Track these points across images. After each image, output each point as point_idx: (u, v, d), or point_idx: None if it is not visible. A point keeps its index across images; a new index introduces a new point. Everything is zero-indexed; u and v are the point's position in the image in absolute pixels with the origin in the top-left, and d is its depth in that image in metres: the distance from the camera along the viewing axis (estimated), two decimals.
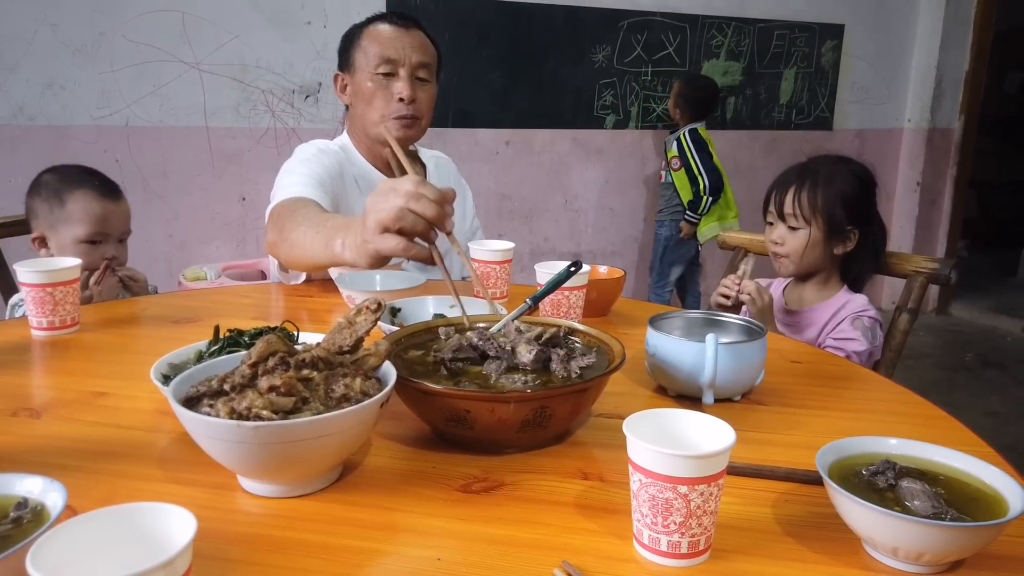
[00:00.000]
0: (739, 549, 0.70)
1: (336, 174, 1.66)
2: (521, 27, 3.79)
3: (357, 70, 1.69)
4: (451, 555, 0.69)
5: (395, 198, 0.98)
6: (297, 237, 1.31)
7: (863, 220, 1.65)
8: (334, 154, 1.71)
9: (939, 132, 4.88)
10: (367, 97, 1.68)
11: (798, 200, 1.63)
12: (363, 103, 1.69)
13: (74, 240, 1.65)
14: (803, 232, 1.64)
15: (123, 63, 3.05)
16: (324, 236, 1.20)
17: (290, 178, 1.58)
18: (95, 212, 1.65)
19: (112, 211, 1.69)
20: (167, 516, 0.57)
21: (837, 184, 1.62)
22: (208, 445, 0.75)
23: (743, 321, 1.15)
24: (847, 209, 1.62)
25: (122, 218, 1.73)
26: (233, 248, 3.35)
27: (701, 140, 3.72)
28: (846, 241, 1.64)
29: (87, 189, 1.67)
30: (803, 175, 1.65)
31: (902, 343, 1.62)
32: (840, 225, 1.62)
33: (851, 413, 1.05)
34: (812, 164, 1.67)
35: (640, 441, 0.66)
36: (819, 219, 1.62)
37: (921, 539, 0.63)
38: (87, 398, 1.03)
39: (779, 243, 1.67)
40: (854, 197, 1.63)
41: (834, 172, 1.64)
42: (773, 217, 1.69)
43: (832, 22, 4.55)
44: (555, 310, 1.32)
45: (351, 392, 0.79)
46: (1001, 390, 3.78)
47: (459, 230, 1.91)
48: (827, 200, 1.61)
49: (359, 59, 1.68)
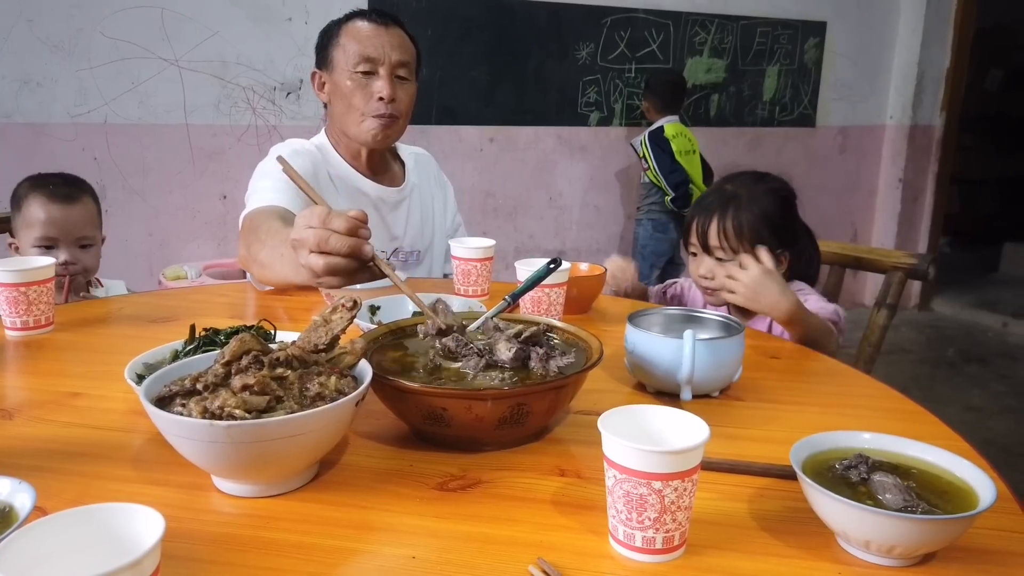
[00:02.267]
0: (714, 544, 0.71)
1: (311, 173, 1.64)
2: (505, 24, 3.78)
3: (336, 68, 1.67)
4: (426, 553, 0.69)
5: (304, 248, 0.93)
6: (265, 258, 1.31)
7: (790, 240, 1.57)
8: (309, 154, 1.69)
9: (921, 129, 4.92)
10: (346, 96, 1.66)
11: (723, 231, 1.52)
12: (342, 102, 1.67)
13: (30, 244, 1.69)
14: (731, 265, 1.50)
15: (101, 60, 3.02)
16: (291, 260, 1.10)
17: (263, 182, 1.57)
18: (43, 216, 1.69)
19: (62, 215, 1.70)
20: (135, 516, 0.56)
21: (760, 207, 1.53)
22: (181, 445, 0.75)
23: (721, 317, 1.15)
24: (773, 232, 1.52)
25: (76, 223, 1.73)
26: (214, 247, 3.33)
27: (662, 139, 3.70)
28: (777, 266, 1.51)
29: (38, 193, 1.71)
30: (724, 202, 1.54)
31: (881, 338, 1.64)
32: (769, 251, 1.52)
33: (829, 408, 1.06)
34: (731, 188, 1.57)
35: (614, 437, 0.66)
36: (747, 248, 1.51)
37: (892, 532, 0.64)
38: (61, 398, 1.02)
39: (709, 278, 1.56)
40: (779, 218, 1.54)
41: (755, 194, 1.55)
42: (696, 248, 1.58)
43: (814, 19, 4.57)
44: (535, 307, 1.32)
45: (326, 391, 0.79)
46: (982, 385, 3.81)
47: (435, 227, 1.91)
48: (753, 227, 1.51)
49: (338, 57, 1.66)
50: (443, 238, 1.91)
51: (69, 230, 1.71)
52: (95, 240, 1.78)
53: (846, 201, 4.94)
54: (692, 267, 1.62)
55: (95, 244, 1.78)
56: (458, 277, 1.52)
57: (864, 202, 5.02)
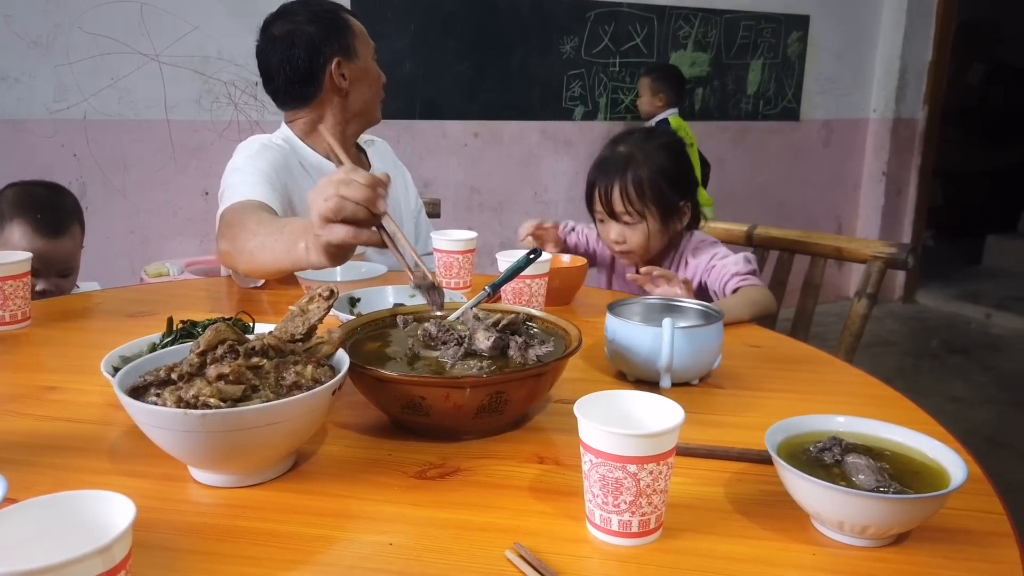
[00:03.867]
0: (690, 528, 0.71)
1: (282, 166, 1.65)
2: (488, 18, 3.77)
3: (360, 57, 1.75)
4: (403, 540, 0.69)
5: (328, 188, 1.00)
6: (255, 247, 1.31)
7: (688, 189, 1.63)
8: (278, 148, 1.70)
9: (904, 122, 4.95)
10: (375, 81, 1.79)
11: (626, 195, 1.57)
12: (371, 88, 1.79)
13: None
14: (641, 226, 1.59)
15: (80, 55, 2.99)
16: (284, 242, 1.21)
17: (237, 177, 1.57)
18: (29, 247, 1.60)
19: (48, 250, 1.65)
20: (106, 503, 0.56)
21: (655, 163, 1.57)
22: (156, 435, 0.74)
23: (700, 306, 1.16)
24: (673, 184, 1.58)
25: (60, 257, 1.69)
26: (197, 243, 3.30)
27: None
28: (681, 216, 1.62)
29: (24, 220, 1.65)
30: (622, 166, 1.58)
31: (862, 328, 1.65)
32: (673, 204, 1.60)
33: (807, 395, 1.07)
34: (624, 149, 1.61)
35: (589, 421, 0.66)
36: (652, 208, 1.58)
37: (864, 512, 0.64)
38: (36, 392, 1.01)
39: (621, 242, 1.62)
40: (675, 172, 1.60)
41: (648, 152, 1.58)
42: (603, 215, 1.63)
43: (798, 13, 4.59)
44: (517, 298, 1.32)
45: (302, 380, 0.78)
46: (965, 376, 3.85)
47: (402, 209, 1.96)
48: (653, 186, 1.57)
49: (360, 48, 1.75)
50: (411, 220, 1.99)
51: (52, 263, 1.67)
52: (76, 265, 1.74)
53: (830, 194, 4.96)
54: (603, 233, 1.67)
55: (76, 268, 1.74)
56: (440, 269, 1.52)
57: (848, 195, 5.05)
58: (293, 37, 1.68)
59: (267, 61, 1.72)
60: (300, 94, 1.73)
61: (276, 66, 1.70)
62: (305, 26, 1.69)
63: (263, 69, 1.74)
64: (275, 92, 1.76)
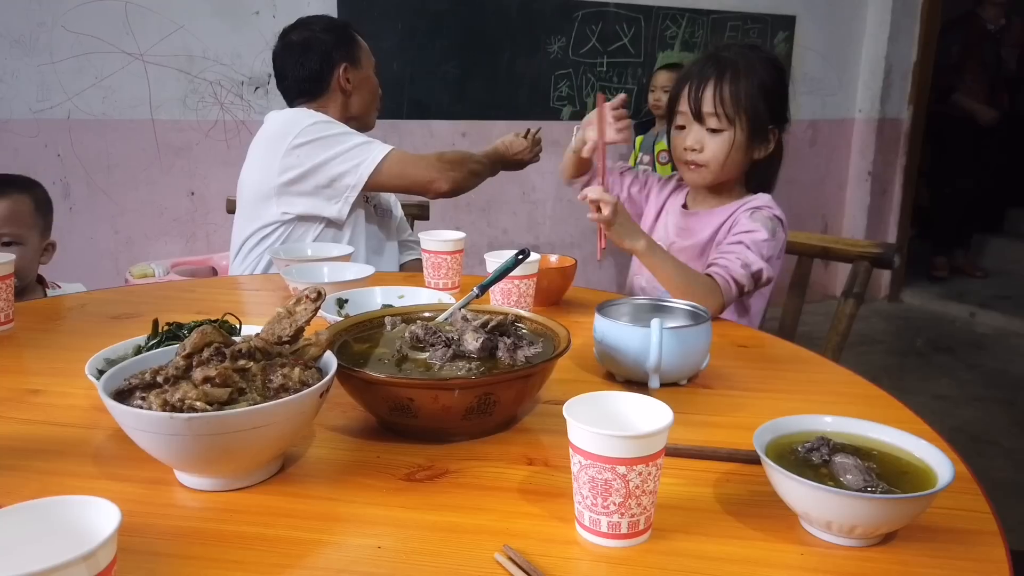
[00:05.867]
0: (679, 528, 0.71)
1: None
2: (476, 18, 3.77)
3: (363, 66, 2.00)
4: (391, 543, 0.69)
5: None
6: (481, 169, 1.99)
7: (783, 115, 1.50)
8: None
9: (889, 122, 4.98)
10: (373, 90, 2.04)
11: (720, 96, 1.42)
12: (371, 94, 2.04)
13: None
14: (726, 135, 1.44)
15: (63, 54, 2.96)
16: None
17: (358, 138, 1.84)
18: None
19: None
20: (91, 509, 0.55)
21: (758, 75, 1.44)
22: (141, 439, 0.74)
23: (689, 307, 1.16)
24: (769, 105, 1.45)
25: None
26: (183, 244, 3.28)
27: None
28: (767, 143, 1.48)
29: None
30: (721, 67, 1.44)
31: (849, 327, 1.65)
32: (763, 125, 1.46)
33: (795, 395, 1.07)
34: (726, 53, 1.47)
35: (578, 423, 0.66)
36: (743, 118, 1.43)
37: (852, 512, 0.65)
38: (20, 396, 1.00)
39: (696, 149, 1.46)
40: (775, 90, 1.47)
41: (752, 62, 1.45)
42: (686, 119, 1.47)
43: (784, 13, 4.61)
44: (505, 299, 1.32)
45: (290, 382, 0.78)
46: (950, 374, 3.87)
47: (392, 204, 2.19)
48: (751, 95, 1.42)
49: (363, 58, 2.00)
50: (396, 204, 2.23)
51: None
52: (24, 240, 1.68)
53: (816, 194, 4.99)
54: (677, 141, 1.51)
55: (25, 244, 1.68)
56: (428, 270, 1.52)
57: (834, 195, 5.07)
58: (309, 43, 1.92)
59: (283, 62, 1.96)
60: (308, 90, 1.95)
61: (291, 66, 1.94)
62: (320, 34, 1.93)
63: (278, 69, 1.97)
64: (286, 90, 1.98)
